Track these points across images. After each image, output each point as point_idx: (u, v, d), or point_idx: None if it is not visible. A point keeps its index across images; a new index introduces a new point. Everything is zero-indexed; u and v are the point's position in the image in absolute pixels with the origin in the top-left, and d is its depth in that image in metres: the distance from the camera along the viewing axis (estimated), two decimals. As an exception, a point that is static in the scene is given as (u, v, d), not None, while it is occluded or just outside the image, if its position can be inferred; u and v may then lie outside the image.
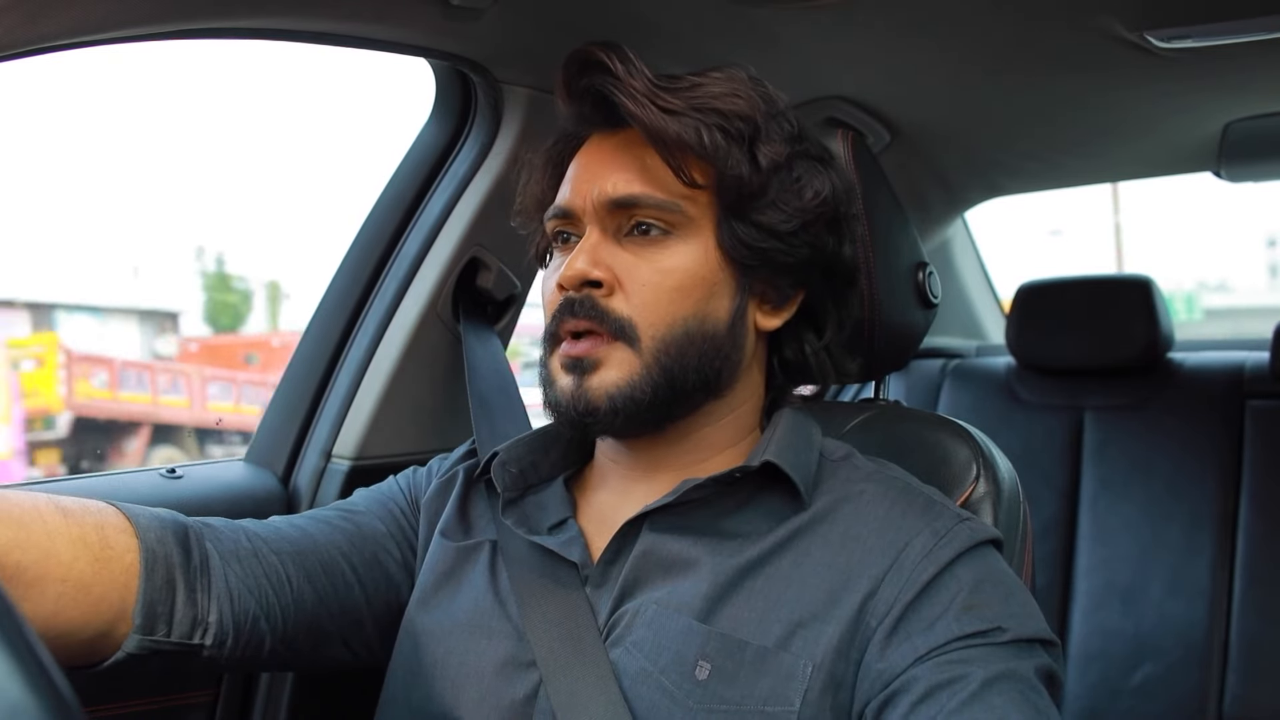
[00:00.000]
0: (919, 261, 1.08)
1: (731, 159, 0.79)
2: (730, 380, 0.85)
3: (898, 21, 1.30)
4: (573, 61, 0.83)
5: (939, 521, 0.78)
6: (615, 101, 0.80)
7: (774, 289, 0.85)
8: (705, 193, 0.81)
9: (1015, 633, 0.72)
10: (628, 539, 0.81)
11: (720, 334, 0.82)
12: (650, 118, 0.78)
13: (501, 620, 0.83)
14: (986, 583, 0.75)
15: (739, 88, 0.82)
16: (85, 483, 1.11)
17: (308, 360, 1.32)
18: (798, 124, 0.85)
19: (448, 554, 0.90)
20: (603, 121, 0.85)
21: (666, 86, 0.80)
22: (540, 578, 0.83)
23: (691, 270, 0.80)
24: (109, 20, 0.89)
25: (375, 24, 1.08)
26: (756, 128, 0.81)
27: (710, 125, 0.79)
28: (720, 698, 0.73)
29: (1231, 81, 1.55)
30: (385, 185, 1.33)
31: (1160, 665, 1.86)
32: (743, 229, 0.81)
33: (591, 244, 0.81)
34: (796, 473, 0.80)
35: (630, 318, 0.79)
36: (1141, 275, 2.11)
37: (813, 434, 0.87)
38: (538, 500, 0.89)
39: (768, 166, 0.81)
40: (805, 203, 0.82)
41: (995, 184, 2.24)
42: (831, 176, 0.85)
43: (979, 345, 2.53)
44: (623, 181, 0.81)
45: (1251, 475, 1.90)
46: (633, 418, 0.80)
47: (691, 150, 0.79)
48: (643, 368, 0.79)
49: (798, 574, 0.77)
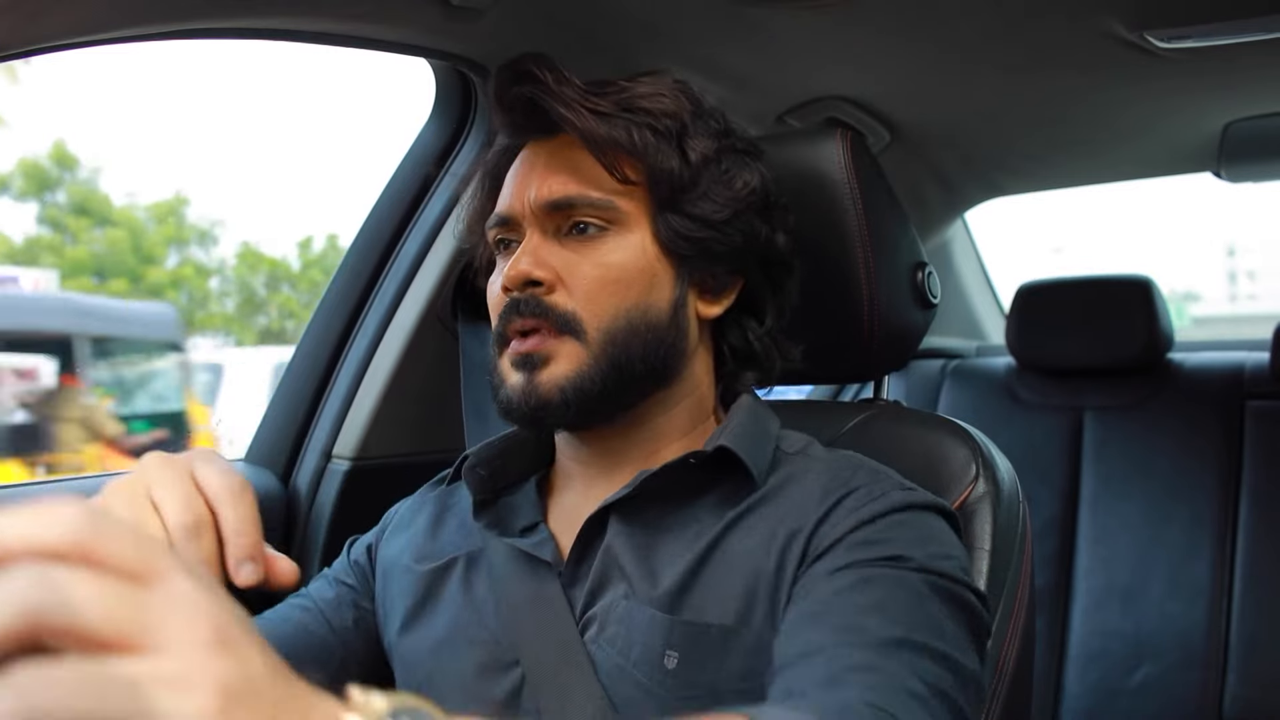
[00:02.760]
0: (919, 261, 1.08)
1: (661, 155, 0.82)
2: (677, 368, 0.87)
3: (898, 21, 1.30)
4: (504, 72, 0.86)
5: (879, 485, 0.80)
6: (546, 107, 0.83)
7: (712, 277, 0.87)
8: (639, 189, 0.84)
9: (924, 563, 0.72)
10: (593, 536, 0.83)
11: (663, 323, 0.84)
12: (581, 121, 0.81)
13: (478, 629, 0.86)
14: (910, 527, 0.76)
15: (665, 89, 0.86)
16: (85, 483, 1.11)
17: (308, 360, 1.32)
18: (724, 121, 0.89)
19: (421, 580, 0.92)
20: (536, 129, 0.87)
21: (596, 91, 0.84)
22: (518, 578, 0.85)
23: (630, 263, 0.83)
24: (109, 20, 0.89)
25: (375, 24, 1.08)
26: (684, 125, 0.84)
27: (639, 124, 0.82)
28: (692, 684, 0.75)
29: (1231, 81, 1.55)
30: (385, 185, 1.33)
31: (1160, 665, 1.86)
32: (677, 221, 0.84)
33: (533, 245, 0.83)
34: (750, 457, 0.82)
35: (575, 312, 0.82)
36: (1141, 275, 2.11)
37: (769, 425, 0.89)
38: (510, 503, 0.91)
39: (697, 160, 0.84)
40: (736, 193, 0.85)
41: (995, 184, 2.24)
42: (759, 169, 0.89)
43: (979, 345, 2.53)
44: (558, 184, 0.83)
45: (1251, 475, 1.90)
46: (584, 409, 0.82)
47: (622, 149, 0.82)
48: (590, 359, 0.81)
49: (745, 546, 0.78)
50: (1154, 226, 33.59)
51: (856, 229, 0.99)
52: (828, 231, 1.00)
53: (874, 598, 0.69)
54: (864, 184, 0.99)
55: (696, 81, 1.47)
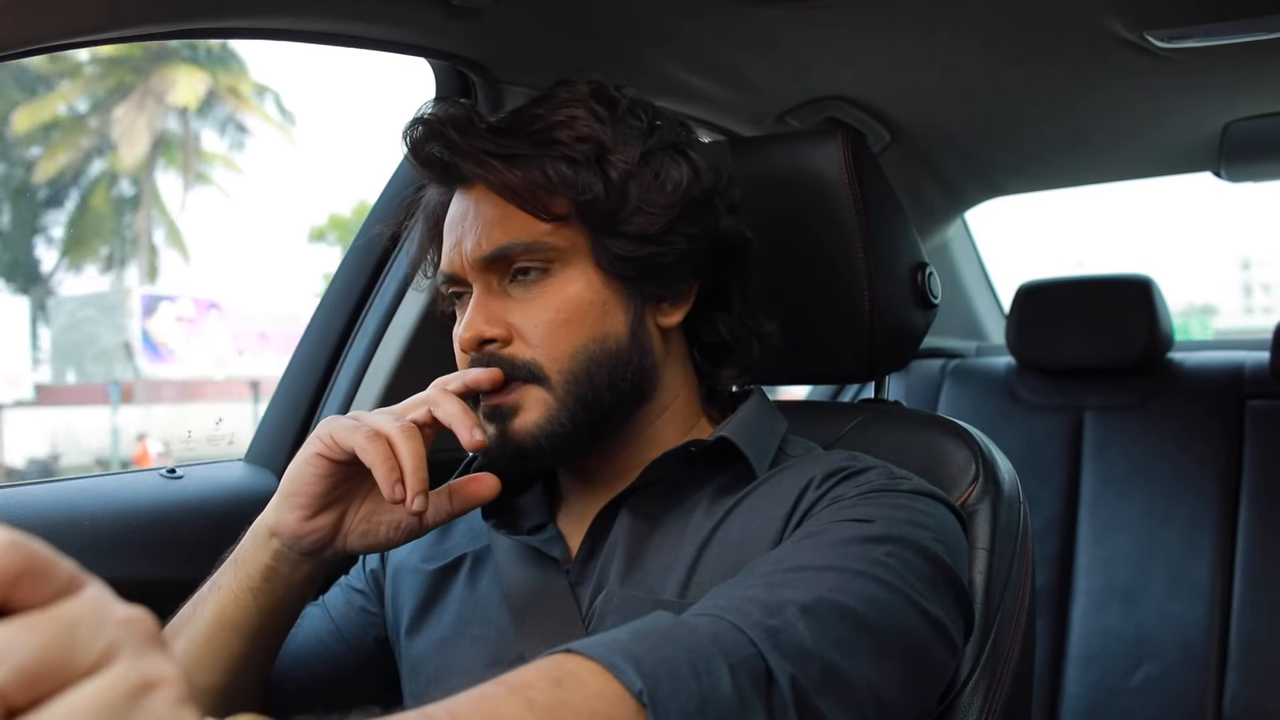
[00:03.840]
0: (919, 262, 1.08)
1: (582, 183, 0.81)
2: (651, 383, 0.87)
3: (898, 21, 1.30)
4: (413, 127, 0.85)
5: (873, 472, 0.81)
6: (459, 164, 0.82)
7: (666, 287, 0.86)
8: (569, 223, 0.83)
9: (887, 529, 0.73)
10: (601, 533, 0.85)
11: (624, 348, 0.84)
12: (492, 174, 0.81)
13: (484, 625, 0.87)
14: (889, 505, 0.76)
15: (577, 108, 0.83)
16: (86, 483, 1.11)
17: (308, 360, 1.32)
18: (648, 115, 0.87)
19: (429, 579, 0.93)
20: (455, 180, 0.87)
21: (506, 129, 0.83)
22: (525, 574, 0.86)
23: (578, 299, 0.83)
24: (109, 20, 0.89)
25: (375, 24, 1.08)
26: (601, 144, 0.82)
27: (554, 158, 0.81)
28: None
29: (1231, 81, 1.55)
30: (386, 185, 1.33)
31: (1160, 665, 1.86)
32: (614, 243, 0.83)
33: (479, 303, 0.84)
34: (750, 449, 0.83)
35: (534, 360, 0.82)
36: (1141, 275, 2.11)
37: (775, 424, 0.90)
38: (518, 504, 0.92)
39: (620, 177, 0.82)
40: (669, 196, 0.83)
41: (995, 184, 2.24)
42: (691, 158, 0.86)
43: (979, 345, 2.53)
44: (488, 236, 0.83)
45: (1251, 475, 1.90)
46: (561, 450, 0.83)
47: (541, 189, 0.81)
48: (557, 403, 0.82)
49: (747, 531, 0.79)
50: (1172, 240, 33.67)
51: (857, 229, 0.99)
52: (828, 232, 1.00)
53: (812, 540, 0.71)
54: (864, 184, 0.99)
55: (696, 81, 1.48)
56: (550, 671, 0.56)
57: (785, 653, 0.61)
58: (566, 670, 0.56)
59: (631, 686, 0.55)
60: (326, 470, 0.77)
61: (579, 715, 0.53)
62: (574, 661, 0.57)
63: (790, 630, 0.62)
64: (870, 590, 0.68)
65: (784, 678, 0.60)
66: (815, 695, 0.61)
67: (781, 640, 0.61)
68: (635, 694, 0.55)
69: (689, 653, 0.58)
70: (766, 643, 0.61)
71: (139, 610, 0.34)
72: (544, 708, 0.53)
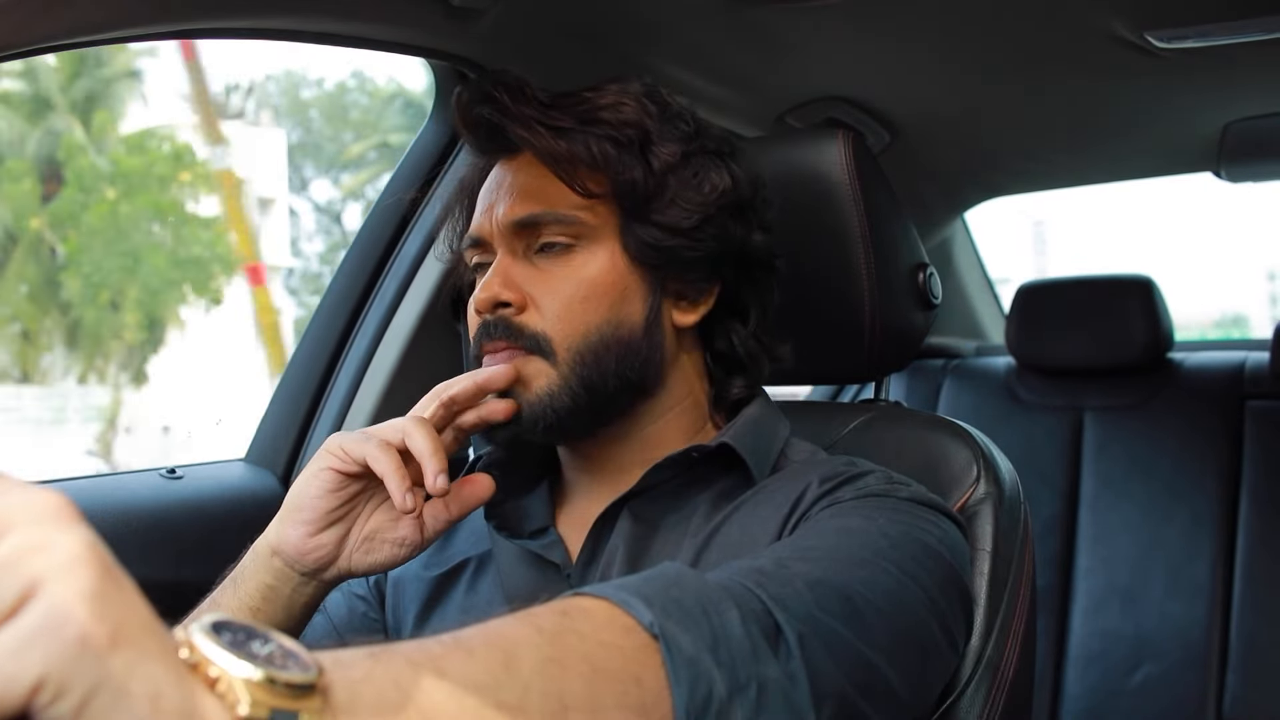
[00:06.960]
0: (919, 262, 1.08)
1: (624, 166, 0.82)
2: (658, 379, 0.87)
3: (898, 21, 1.30)
4: (464, 93, 0.86)
5: (871, 476, 0.80)
6: (505, 129, 0.83)
7: (687, 285, 0.87)
8: (604, 202, 0.83)
9: (892, 528, 0.72)
10: (601, 537, 0.84)
11: (636, 337, 0.84)
12: (539, 140, 0.81)
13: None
14: (886, 509, 0.76)
15: (627, 98, 0.84)
16: (85, 483, 1.11)
17: (308, 360, 1.32)
18: (695, 123, 0.88)
19: (430, 586, 0.92)
20: (500, 148, 0.88)
21: (556, 105, 0.83)
22: (526, 579, 0.85)
23: (599, 278, 0.83)
24: (109, 20, 0.89)
25: (375, 24, 1.08)
26: (647, 133, 0.83)
27: (600, 136, 0.82)
28: None
29: (1231, 81, 1.55)
30: (387, 184, 1.33)
31: (1160, 666, 1.86)
32: (645, 230, 0.83)
33: (502, 267, 0.84)
34: (751, 455, 0.83)
35: (544, 332, 0.82)
36: (1141, 275, 2.11)
37: (778, 428, 0.89)
38: (521, 505, 0.91)
39: (661, 168, 0.83)
40: (705, 196, 0.84)
41: (995, 184, 2.24)
42: (732, 168, 0.87)
43: (979, 345, 2.53)
44: (522, 203, 0.83)
45: (1251, 475, 1.90)
46: (555, 426, 0.82)
47: (583, 163, 0.81)
48: (560, 379, 0.82)
49: (745, 534, 0.79)
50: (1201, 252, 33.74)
51: (857, 229, 0.99)
52: (828, 232, 1.00)
53: (816, 532, 0.71)
54: (864, 184, 0.99)
55: (696, 81, 1.48)
56: (557, 605, 0.55)
57: (793, 614, 0.61)
58: (574, 604, 0.56)
59: (642, 619, 0.55)
60: (336, 484, 0.77)
61: (586, 642, 0.53)
62: (582, 599, 0.57)
63: (798, 598, 0.62)
64: (877, 576, 0.68)
65: (792, 635, 0.59)
66: (822, 658, 0.61)
67: (789, 605, 0.61)
68: (646, 625, 0.55)
69: (698, 595, 0.58)
70: (774, 603, 0.60)
71: (49, 492, 0.34)
72: (552, 633, 0.52)
